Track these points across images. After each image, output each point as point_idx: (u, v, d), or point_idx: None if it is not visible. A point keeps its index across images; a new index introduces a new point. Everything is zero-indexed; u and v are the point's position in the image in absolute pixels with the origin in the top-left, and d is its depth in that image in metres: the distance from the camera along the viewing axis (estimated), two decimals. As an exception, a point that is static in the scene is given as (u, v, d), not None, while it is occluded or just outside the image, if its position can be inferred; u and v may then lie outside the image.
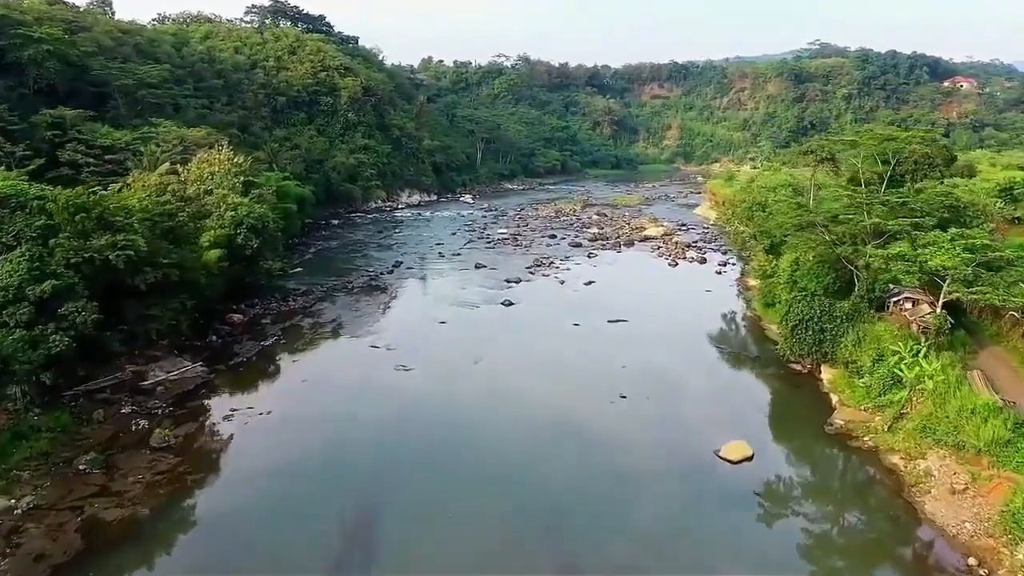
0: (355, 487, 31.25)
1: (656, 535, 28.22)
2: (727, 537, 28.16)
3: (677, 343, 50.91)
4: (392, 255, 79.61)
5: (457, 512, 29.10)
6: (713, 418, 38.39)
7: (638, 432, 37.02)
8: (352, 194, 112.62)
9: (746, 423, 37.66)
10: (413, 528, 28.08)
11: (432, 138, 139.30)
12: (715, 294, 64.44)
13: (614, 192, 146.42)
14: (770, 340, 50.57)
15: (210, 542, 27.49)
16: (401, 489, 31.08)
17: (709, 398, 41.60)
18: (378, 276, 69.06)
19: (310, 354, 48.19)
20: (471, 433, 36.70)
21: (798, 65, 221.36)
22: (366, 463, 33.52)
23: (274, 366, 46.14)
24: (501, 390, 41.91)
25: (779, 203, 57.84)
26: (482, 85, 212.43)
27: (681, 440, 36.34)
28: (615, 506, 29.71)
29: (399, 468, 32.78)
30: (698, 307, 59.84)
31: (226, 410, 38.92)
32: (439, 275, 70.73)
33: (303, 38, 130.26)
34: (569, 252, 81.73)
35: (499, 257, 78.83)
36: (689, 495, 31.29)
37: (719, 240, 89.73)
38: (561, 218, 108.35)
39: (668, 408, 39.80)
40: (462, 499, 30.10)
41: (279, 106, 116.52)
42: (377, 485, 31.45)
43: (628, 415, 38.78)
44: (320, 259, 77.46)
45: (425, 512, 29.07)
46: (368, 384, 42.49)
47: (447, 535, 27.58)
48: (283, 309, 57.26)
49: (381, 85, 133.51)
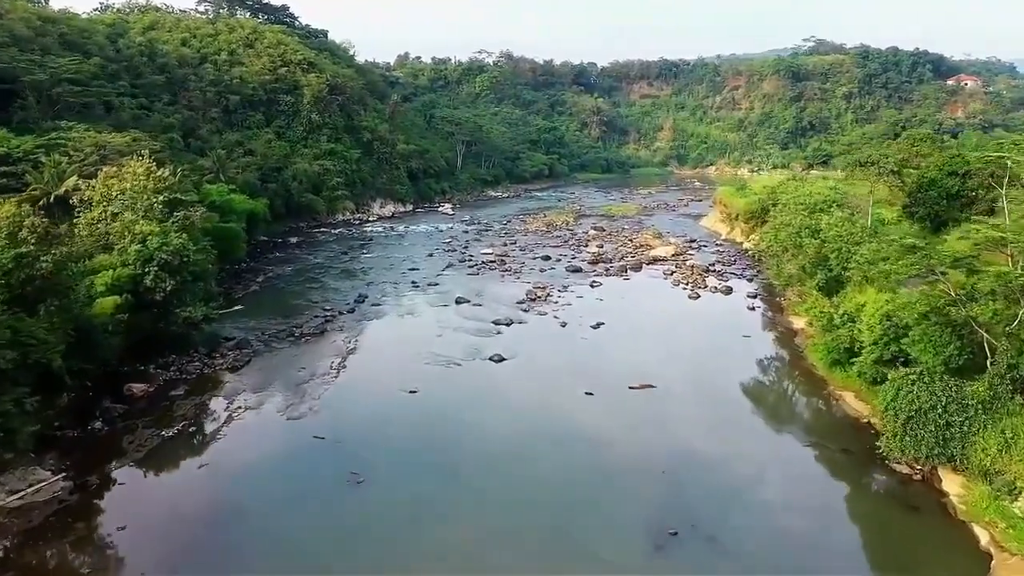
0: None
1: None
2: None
3: (728, 424, 38.13)
4: (356, 284, 66.30)
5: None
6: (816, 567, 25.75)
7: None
8: (315, 206, 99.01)
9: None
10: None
11: (407, 141, 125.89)
12: (755, 340, 51.95)
13: (608, 200, 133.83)
14: (849, 417, 38.14)
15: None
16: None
17: (795, 534, 28.79)
18: (336, 316, 55.78)
19: (224, 455, 34.67)
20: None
21: (795, 62, 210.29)
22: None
23: (171, 475, 32.79)
24: (495, 530, 28.91)
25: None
26: (462, 83, 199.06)
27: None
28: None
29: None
30: (740, 361, 47.25)
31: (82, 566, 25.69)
32: (412, 314, 57.52)
33: (261, 30, 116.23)
34: (567, 279, 68.93)
35: (484, 286, 65.82)
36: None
37: (739, 260, 77.40)
38: (553, 233, 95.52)
39: (741, 552, 27.05)
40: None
41: (232, 106, 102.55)
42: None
43: (680, 566, 26.03)
44: (268, 291, 63.97)
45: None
46: (302, 515, 29.20)
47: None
48: (205, 372, 43.88)
49: (350, 82, 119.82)
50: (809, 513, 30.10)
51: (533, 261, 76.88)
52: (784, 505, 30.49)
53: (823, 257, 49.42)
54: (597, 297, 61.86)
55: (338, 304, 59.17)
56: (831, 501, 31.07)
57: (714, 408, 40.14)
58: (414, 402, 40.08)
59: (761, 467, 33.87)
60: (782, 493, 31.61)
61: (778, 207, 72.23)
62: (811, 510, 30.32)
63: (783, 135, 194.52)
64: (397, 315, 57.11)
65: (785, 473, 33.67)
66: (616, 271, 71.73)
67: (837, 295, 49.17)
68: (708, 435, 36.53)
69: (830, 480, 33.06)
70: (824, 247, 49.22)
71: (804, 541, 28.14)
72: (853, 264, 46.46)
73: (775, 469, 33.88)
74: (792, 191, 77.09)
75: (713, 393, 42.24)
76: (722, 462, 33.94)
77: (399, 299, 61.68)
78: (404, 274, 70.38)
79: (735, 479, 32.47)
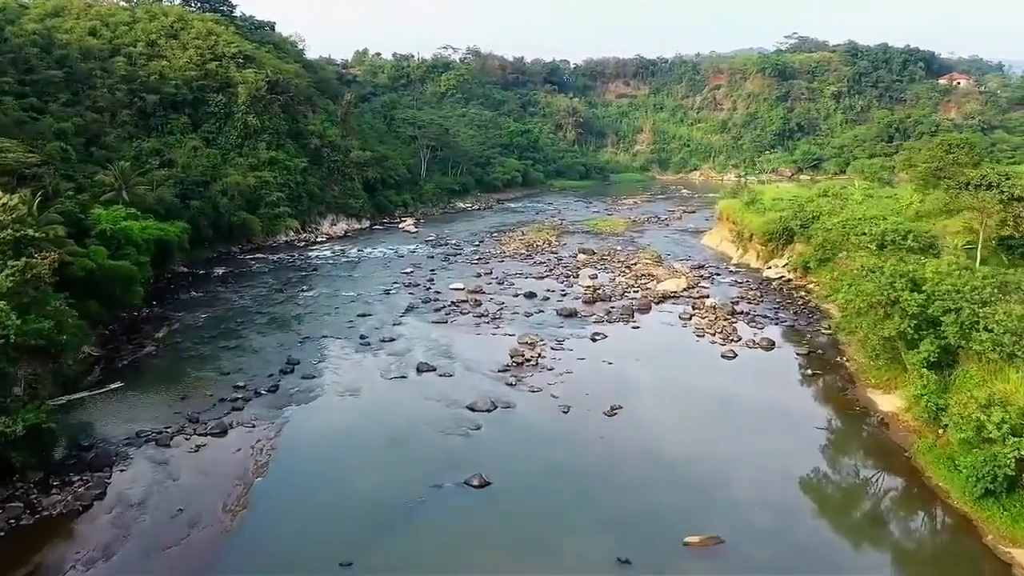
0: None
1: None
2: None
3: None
4: (287, 341, 50.65)
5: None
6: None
7: None
8: (250, 227, 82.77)
9: None
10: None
11: (364, 147, 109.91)
12: (836, 436, 37.55)
13: (590, 212, 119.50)
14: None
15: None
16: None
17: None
18: (251, 399, 40.16)
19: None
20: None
21: (780, 60, 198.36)
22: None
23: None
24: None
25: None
26: (426, 82, 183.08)
27: None
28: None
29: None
30: (829, 485, 32.89)
31: None
32: (355, 394, 41.90)
33: (189, 18, 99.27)
34: (561, 326, 54.17)
35: (456, 341, 50.67)
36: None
37: (765, 295, 63.43)
38: (535, 256, 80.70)
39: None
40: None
41: (149, 107, 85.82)
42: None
43: None
44: (167, 355, 47.98)
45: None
46: None
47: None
48: (23, 523, 28.09)
49: (294, 79, 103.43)
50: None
51: (515, 300, 61.93)
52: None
53: (930, 319, 35.40)
54: (604, 359, 46.97)
55: (257, 377, 43.45)
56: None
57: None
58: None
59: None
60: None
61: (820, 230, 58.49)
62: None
63: (770, 137, 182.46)
64: (336, 395, 41.47)
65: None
66: (620, 314, 57.05)
67: (947, 372, 35.30)
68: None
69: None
70: (932, 305, 35.21)
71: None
72: (983, 334, 32.53)
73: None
74: (834, 209, 63.49)
75: (813, 557, 27.64)
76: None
77: (341, 366, 46.06)
78: (352, 323, 54.86)
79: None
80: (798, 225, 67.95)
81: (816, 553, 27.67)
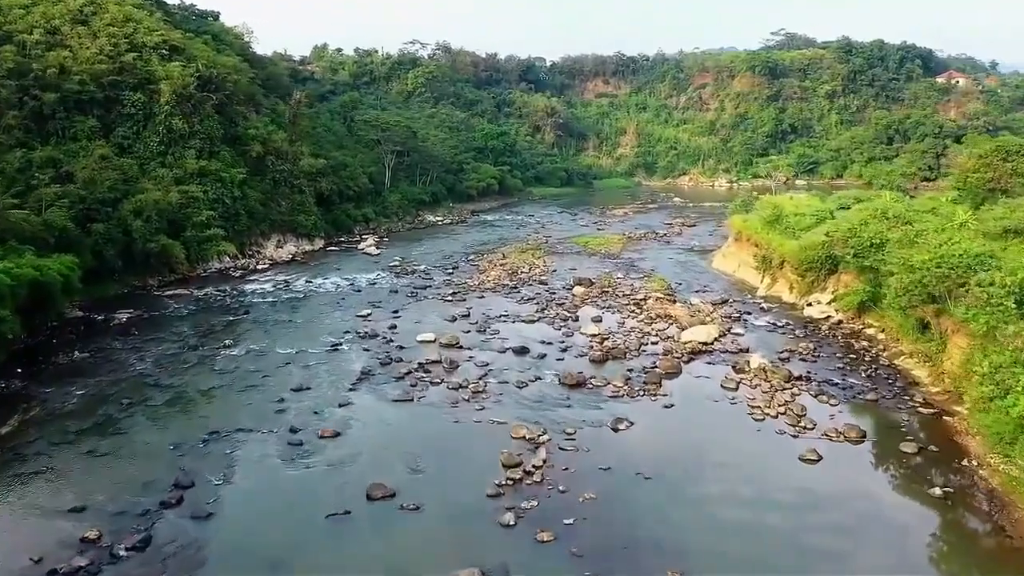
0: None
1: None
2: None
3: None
4: (186, 439, 35.65)
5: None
6: None
7: None
8: (171, 253, 67.36)
9: None
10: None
11: (317, 154, 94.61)
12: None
13: (578, 226, 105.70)
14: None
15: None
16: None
17: None
18: (108, 566, 25.43)
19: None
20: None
21: (771, 57, 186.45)
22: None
23: None
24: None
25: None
26: (392, 80, 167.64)
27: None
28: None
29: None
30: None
31: None
32: (268, 561, 27.30)
33: (103, 1, 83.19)
34: (567, 405, 39.99)
35: (423, 438, 36.26)
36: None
37: (818, 345, 49.98)
38: (521, 289, 66.48)
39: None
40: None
41: (46, 108, 69.83)
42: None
43: None
44: (9, 466, 32.82)
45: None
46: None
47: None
48: None
49: (233, 74, 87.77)
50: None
51: (502, 357, 47.63)
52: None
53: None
54: (636, 469, 32.70)
55: (124, 517, 28.58)
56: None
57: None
58: None
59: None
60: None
61: (902, 269, 44.90)
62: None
63: (762, 139, 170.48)
64: (235, 563, 26.75)
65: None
66: (643, 383, 43.03)
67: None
68: None
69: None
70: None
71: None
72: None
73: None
74: (907, 236, 50.19)
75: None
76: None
77: (254, 492, 31.28)
78: (282, 403, 40.06)
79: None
80: (850, 254, 54.66)
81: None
